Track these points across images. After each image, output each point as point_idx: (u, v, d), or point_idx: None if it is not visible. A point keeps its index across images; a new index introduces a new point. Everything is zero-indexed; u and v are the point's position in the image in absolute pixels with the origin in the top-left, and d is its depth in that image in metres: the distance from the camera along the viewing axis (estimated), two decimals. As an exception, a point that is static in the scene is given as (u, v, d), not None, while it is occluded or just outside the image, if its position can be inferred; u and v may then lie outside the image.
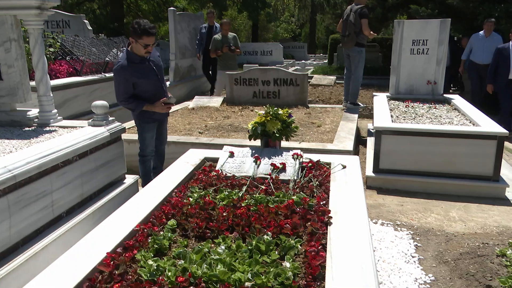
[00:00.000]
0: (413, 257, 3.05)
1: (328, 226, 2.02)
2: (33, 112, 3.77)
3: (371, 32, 6.60)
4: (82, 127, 3.61)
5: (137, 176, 4.11)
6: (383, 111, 5.31)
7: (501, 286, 2.48)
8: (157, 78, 3.81)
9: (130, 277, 1.66)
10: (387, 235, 3.40)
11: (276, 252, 1.81)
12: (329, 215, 2.11)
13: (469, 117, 4.97)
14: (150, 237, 1.94)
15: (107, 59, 7.58)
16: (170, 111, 4.28)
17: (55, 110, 3.82)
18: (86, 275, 1.63)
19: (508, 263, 2.70)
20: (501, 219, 3.73)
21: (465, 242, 3.19)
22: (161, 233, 2.00)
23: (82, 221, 3.12)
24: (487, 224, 3.61)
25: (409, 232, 3.45)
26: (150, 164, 4.08)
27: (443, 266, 2.91)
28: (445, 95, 6.41)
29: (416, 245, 3.24)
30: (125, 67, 3.61)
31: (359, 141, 6.17)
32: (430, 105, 5.85)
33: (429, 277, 2.79)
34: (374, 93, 6.83)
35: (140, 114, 3.84)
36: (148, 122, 3.88)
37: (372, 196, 4.28)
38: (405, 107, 5.81)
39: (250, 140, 3.15)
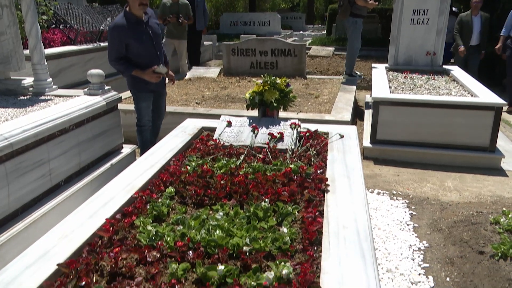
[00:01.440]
0: (408, 225, 3.10)
1: (325, 194, 2.03)
2: (28, 80, 3.72)
3: (370, 1, 6.44)
4: (78, 96, 3.57)
5: (135, 145, 4.11)
6: (382, 82, 5.28)
7: (494, 251, 2.54)
8: (152, 44, 3.75)
9: (130, 242, 1.68)
10: (383, 204, 3.44)
11: (274, 219, 1.83)
12: (326, 183, 2.12)
13: (467, 88, 4.95)
14: (148, 204, 1.96)
15: (101, 27, 7.43)
16: (168, 83, 4.25)
17: (50, 79, 3.77)
18: (86, 240, 1.65)
19: (501, 230, 2.75)
20: (496, 189, 3.77)
21: (460, 211, 3.23)
22: (160, 200, 2.01)
23: (80, 190, 3.14)
24: (482, 194, 3.66)
25: (405, 201, 3.49)
26: (148, 134, 4.08)
27: (437, 233, 2.96)
28: (444, 66, 6.36)
29: (411, 213, 3.29)
30: (120, 26, 3.56)
31: (357, 113, 6.16)
32: (429, 76, 5.81)
33: (423, 243, 2.85)
34: (372, 64, 6.77)
35: (135, 84, 3.81)
36: (143, 92, 3.85)
37: (369, 167, 4.31)
38: (404, 78, 5.77)
39: (247, 109, 3.13)
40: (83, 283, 1.38)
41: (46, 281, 1.39)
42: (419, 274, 2.53)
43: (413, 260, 2.67)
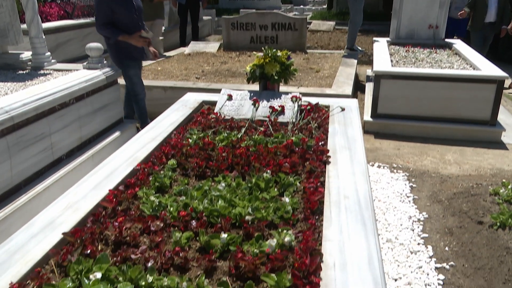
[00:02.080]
0: (408, 197, 3.13)
1: (327, 165, 2.04)
2: (26, 55, 3.69)
3: None
4: (77, 70, 3.55)
5: (135, 120, 4.11)
6: (383, 55, 5.23)
7: (493, 221, 2.57)
8: (137, 14, 3.83)
9: (133, 212, 1.70)
10: (383, 177, 3.46)
11: (275, 189, 1.84)
12: (328, 154, 2.13)
13: (469, 61, 4.91)
14: (151, 176, 1.97)
15: (99, 2, 7.30)
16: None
17: (49, 53, 3.74)
18: (90, 210, 1.67)
19: (501, 201, 2.78)
20: (496, 162, 3.79)
21: (459, 183, 3.26)
22: (162, 172, 2.02)
23: (82, 164, 3.15)
24: (482, 167, 3.68)
25: (405, 174, 3.51)
26: (144, 104, 4.11)
27: (437, 205, 2.99)
28: (446, 39, 6.28)
29: (411, 186, 3.31)
30: None
31: (358, 87, 6.12)
32: (431, 50, 5.75)
33: (423, 215, 2.88)
34: (374, 38, 6.69)
35: (119, 53, 3.84)
36: (128, 60, 3.89)
37: (369, 141, 4.31)
38: (406, 51, 5.71)
39: (248, 83, 3.11)
40: (89, 251, 1.40)
41: (52, 250, 1.41)
42: (419, 244, 2.57)
43: (413, 230, 2.70)
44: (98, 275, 1.26)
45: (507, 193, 2.82)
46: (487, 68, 4.43)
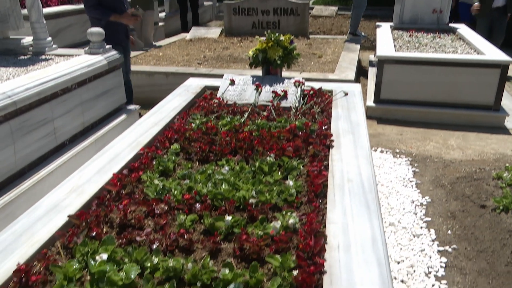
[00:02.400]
0: (410, 181, 3.14)
1: (330, 149, 2.04)
2: (27, 40, 3.67)
3: None
4: (78, 55, 3.53)
5: (138, 106, 4.10)
6: (386, 40, 5.18)
7: (496, 205, 2.58)
8: None
9: (137, 196, 1.70)
10: (386, 161, 3.46)
11: (279, 173, 1.84)
12: (331, 138, 2.12)
13: (474, 46, 4.86)
14: (154, 160, 1.97)
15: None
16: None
17: (50, 38, 3.72)
18: (94, 193, 1.68)
19: (504, 185, 2.78)
20: (499, 147, 3.78)
21: (462, 168, 3.26)
22: (165, 156, 2.02)
23: (85, 149, 3.16)
24: (485, 152, 3.67)
25: (408, 159, 3.51)
26: (129, 88, 4.14)
27: (439, 189, 3.00)
28: (450, 24, 6.21)
29: (414, 170, 3.31)
30: None
31: (360, 73, 6.09)
32: (435, 35, 5.69)
33: (425, 199, 2.89)
34: (377, 23, 6.62)
35: (106, 37, 3.79)
36: (113, 44, 3.87)
37: (372, 126, 4.30)
38: (409, 36, 5.66)
39: (251, 67, 3.09)
40: (94, 233, 1.41)
41: (58, 232, 1.43)
42: (421, 227, 2.59)
43: (416, 214, 2.72)
44: (104, 256, 1.27)
45: (510, 177, 2.82)
46: (491, 53, 4.39)
